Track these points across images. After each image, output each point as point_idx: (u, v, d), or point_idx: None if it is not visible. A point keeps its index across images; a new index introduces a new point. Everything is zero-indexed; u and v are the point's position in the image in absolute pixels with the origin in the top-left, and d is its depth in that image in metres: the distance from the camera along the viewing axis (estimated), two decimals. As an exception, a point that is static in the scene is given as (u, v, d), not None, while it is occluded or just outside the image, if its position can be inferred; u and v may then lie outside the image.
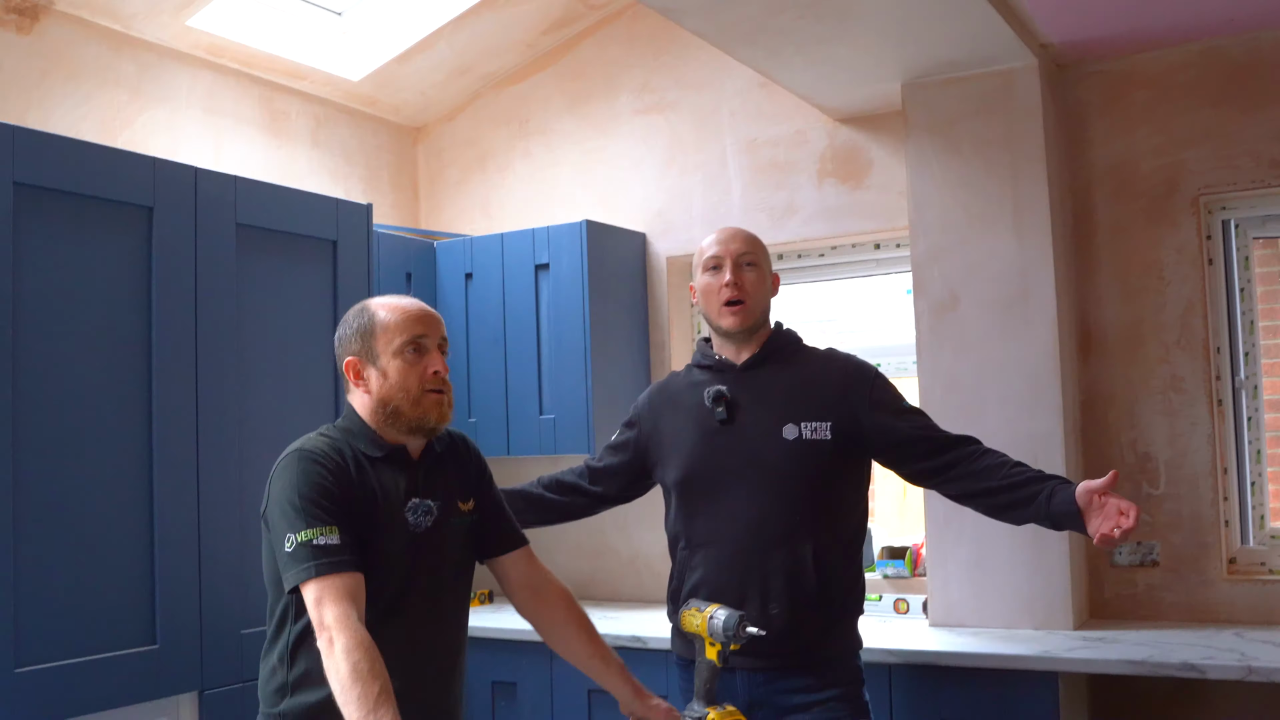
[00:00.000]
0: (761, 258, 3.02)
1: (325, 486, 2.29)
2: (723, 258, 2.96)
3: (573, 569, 4.87)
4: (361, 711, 2.04)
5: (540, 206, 5.08)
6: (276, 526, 2.29)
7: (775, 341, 3.02)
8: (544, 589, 2.66)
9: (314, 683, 2.29)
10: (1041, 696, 3.28)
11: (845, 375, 2.96)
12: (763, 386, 2.95)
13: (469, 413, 4.65)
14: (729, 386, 2.95)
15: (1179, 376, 3.85)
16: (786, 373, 2.97)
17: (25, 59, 3.82)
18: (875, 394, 2.93)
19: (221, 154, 4.43)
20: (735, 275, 2.94)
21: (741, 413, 2.92)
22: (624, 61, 4.92)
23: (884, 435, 2.91)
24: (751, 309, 2.95)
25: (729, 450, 2.90)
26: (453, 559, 2.50)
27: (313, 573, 2.19)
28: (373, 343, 2.42)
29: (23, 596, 2.74)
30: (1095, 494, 2.65)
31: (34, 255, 2.83)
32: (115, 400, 3.00)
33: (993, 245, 3.83)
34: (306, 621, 2.26)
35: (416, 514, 2.41)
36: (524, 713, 4.11)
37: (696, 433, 2.96)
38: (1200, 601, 3.79)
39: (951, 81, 3.91)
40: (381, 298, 2.51)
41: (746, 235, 3.03)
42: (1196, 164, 3.85)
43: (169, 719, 3.08)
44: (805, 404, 2.89)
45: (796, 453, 2.85)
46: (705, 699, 2.42)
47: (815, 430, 2.86)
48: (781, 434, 2.86)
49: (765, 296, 3.01)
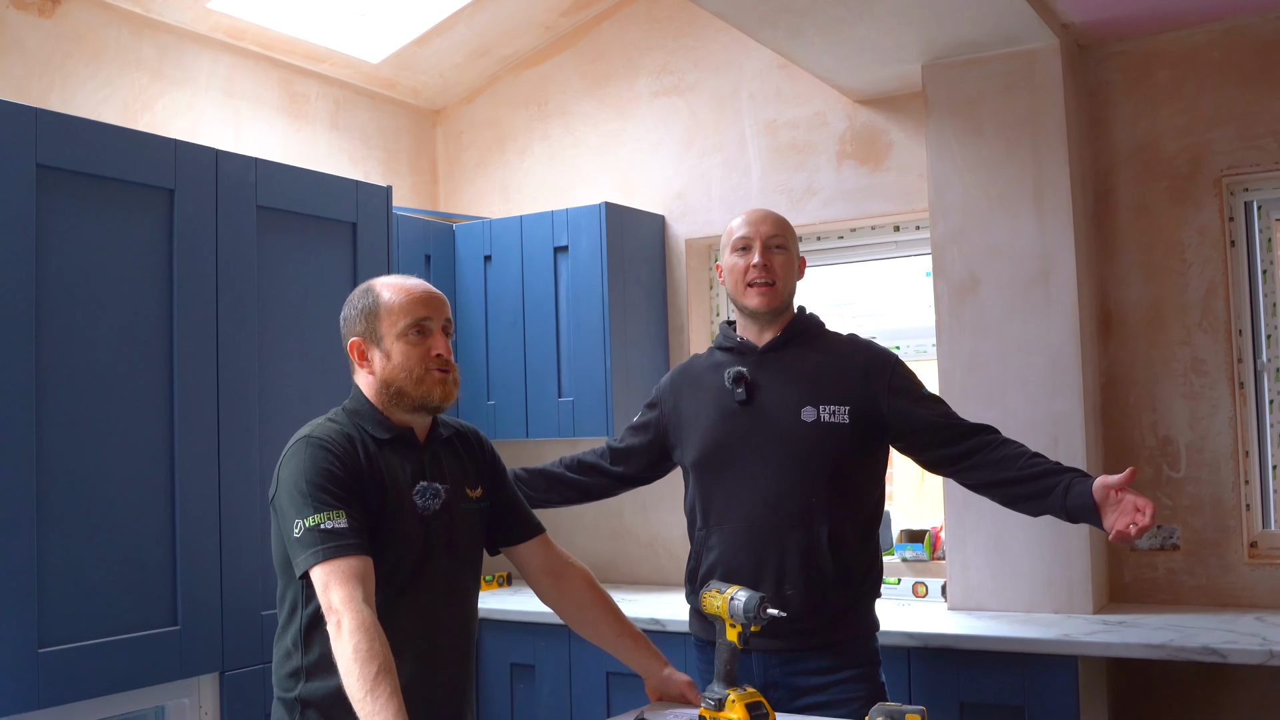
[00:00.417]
0: (790, 241, 3.02)
1: (333, 471, 2.30)
2: (752, 239, 2.96)
3: (591, 552, 4.88)
4: (361, 690, 2.06)
5: (559, 189, 5.07)
6: (285, 512, 2.30)
7: (798, 325, 3.02)
8: (564, 573, 2.67)
9: (329, 667, 2.30)
10: (1061, 680, 3.28)
11: (866, 360, 2.96)
12: (783, 369, 2.95)
13: (488, 395, 4.66)
14: (750, 368, 2.95)
15: (1200, 359, 3.83)
16: (807, 356, 2.97)
17: (48, 42, 3.83)
18: (895, 380, 2.93)
19: (241, 137, 4.44)
20: (764, 257, 2.94)
21: (761, 394, 2.93)
22: (643, 43, 4.91)
23: (902, 421, 2.91)
24: (779, 290, 2.96)
25: (747, 430, 2.91)
26: (462, 541, 2.51)
27: (321, 557, 2.20)
28: (377, 324, 2.42)
29: (46, 578, 2.76)
30: (1112, 489, 2.65)
31: (57, 237, 2.84)
32: (137, 382, 3.01)
33: (1013, 227, 3.81)
34: (318, 606, 2.27)
35: (424, 497, 2.42)
36: (542, 695, 4.12)
37: (716, 413, 2.96)
38: (1221, 585, 3.77)
39: (972, 62, 3.89)
40: (386, 278, 2.51)
41: (776, 218, 3.02)
42: (1220, 145, 3.82)
43: (190, 699, 3.10)
44: (825, 387, 2.90)
45: (814, 435, 2.86)
46: (725, 680, 2.42)
47: (834, 413, 2.87)
48: (800, 416, 2.87)
49: (792, 279, 3.01)
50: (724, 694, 2.39)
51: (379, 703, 2.04)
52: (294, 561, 2.26)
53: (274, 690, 2.45)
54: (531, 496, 3.04)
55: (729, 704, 2.37)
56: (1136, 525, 2.57)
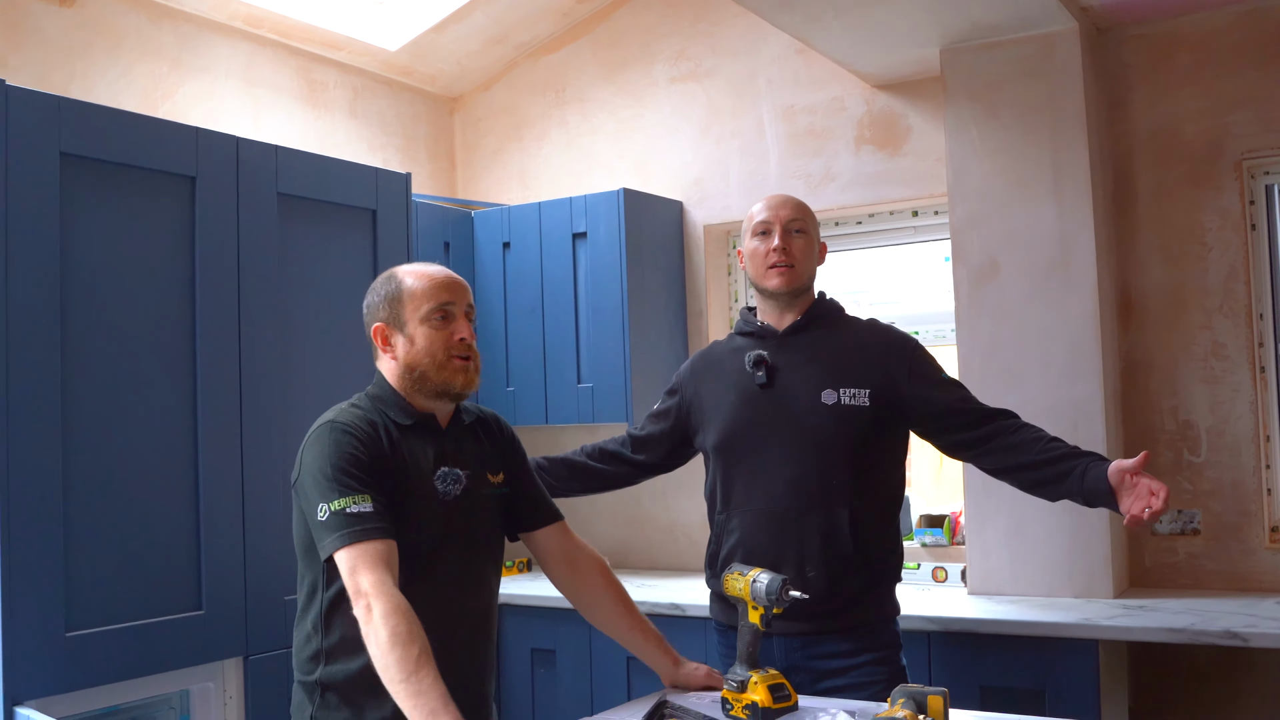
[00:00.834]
0: (810, 225, 3.02)
1: (357, 456, 2.31)
2: (772, 224, 2.98)
3: (610, 538, 4.89)
4: (403, 673, 2.05)
5: (577, 175, 5.08)
6: (309, 496, 2.30)
7: (818, 309, 3.02)
8: (580, 562, 2.67)
9: (350, 650, 2.32)
10: (1081, 664, 3.28)
11: (886, 344, 2.97)
12: (804, 352, 2.95)
13: (507, 382, 4.68)
14: (770, 352, 2.96)
15: (1221, 343, 3.82)
16: (828, 339, 2.97)
17: (68, 31, 3.85)
18: (915, 364, 2.94)
19: (260, 125, 4.45)
20: (784, 241, 2.95)
21: (781, 377, 2.93)
22: (660, 29, 4.90)
23: (922, 405, 2.91)
24: (799, 272, 2.96)
25: (768, 414, 2.92)
26: (483, 527, 2.52)
27: (347, 540, 2.20)
28: (400, 309, 2.43)
29: (72, 563, 2.78)
30: (1127, 473, 2.64)
31: (80, 224, 2.86)
32: (160, 368, 3.03)
33: (1032, 211, 3.81)
34: (339, 589, 2.28)
35: (445, 482, 2.43)
36: (563, 680, 4.14)
37: (737, 397, 2.97)
38: (1242, 570, 3.77)
39: (991, 46, 3.89)
40: (409, 265, 2.53)
41: (796, 202, 3.03)
42: (1240, 127, 3.80)
43: (215, 683, 3.12)
44: (845, 370, 2.90)
45: (835, 417, 2.86)
46: (748, 662, 2.43)
47: (854, 396, 2.87)
48: (820, 398, 2.87)
49: (812, 263, 3.02)
50: (746, 676, 2.40)
51: (424, 683, 2.04)
52: (319, 545, 2.26)
53: (294, 673, 2.47)
54: (553, 485, 3.06)
55: (751, 685, 2.38)
56: (1151, 509, 2.56)
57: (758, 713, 2.36)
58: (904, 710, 2.19)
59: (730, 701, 2.42)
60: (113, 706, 2.90)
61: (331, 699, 2.37)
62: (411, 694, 2.04)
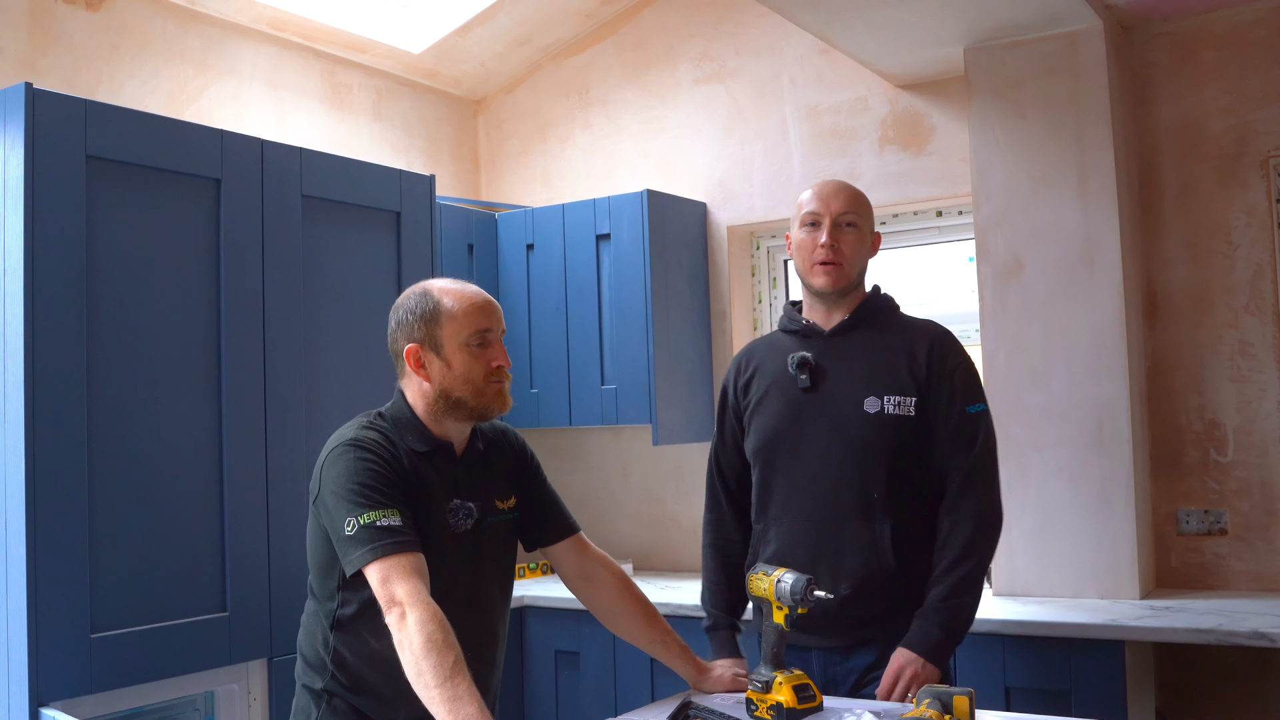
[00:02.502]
0: (863, 217, 2.84)
1: (382, 473, 2.29)
2: (821, 215, 2.80)
3: (634, 539, 4.89)
4: (438, 679, 2.05)
5: (601, 177, 5.08)
6: (335, 512, 2.28)
7: (868, 307, 2.86)
8: (597, 576, 2.67)
9: (358, 660, 2.35)
10: (1107, 665, 3.27)
11: (940, 350, 2.79)
12: (850, 354, 2.80)
13: (530, 383, 4.68)
14: (815, 352, 2.81)
15: (1247, 341, 3.79)
16: (875, 341, 2.81)
17: (95, 34, 3.88)
18: (957, 377, 2.77)
19: (285, 127, 4.47)
20: (833, 236, 2.78)
21: (827, 380, 2.79)
22: (683, 30, 4.91)
23: (935, 413, 2.76)
24: (846, 271, 2.80)
25: (810, 419, 2.78)
26: (493, 556, 2.51)
27: (379, 553, 2.19)
28: (437, 331, 2.39)
29: (98, 565, 2.80)
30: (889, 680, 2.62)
31: (106, 226, 2.87)
32: (185, 371, 3.04)
33: (1057, 209, 3.79)
34: (355, 604, 2.31)
35: (457, 516, 2.41)
36: (587, 681, 4.14)
37: (780, 399, 2.83)
38: (1270, 570, 3.74)
39: (1015, 45, 3.87)
40: (441, 282, 2.47)
41: (850, 193, 2.85)
42: (1266, 124, 3.78)
43: (239, 685, 3.13)
44: (891, 375, 2.75)
45: (877, 426, 2.72)
46: (773, 663, 2.42)
47: (899, 405, 2.72)
48: (863, 406, 2.73)
49: (862, 258, 2.85)
50: (771, 676, 2.39)
51: (460, 689, 2.03)
52: (345, 559, 2.25)
53: (298, 680, 2.47)
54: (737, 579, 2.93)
55: (776, 686, 2.37)
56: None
57: (783, 713, 2.35)
58: (930, 710, 2.19)
59: (755, 702, 2.41)
60: (138, 708, 2.92)
61: (339, 705, 2.39)
62: (447, 699, 2.03)
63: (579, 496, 4.92)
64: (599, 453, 5.06)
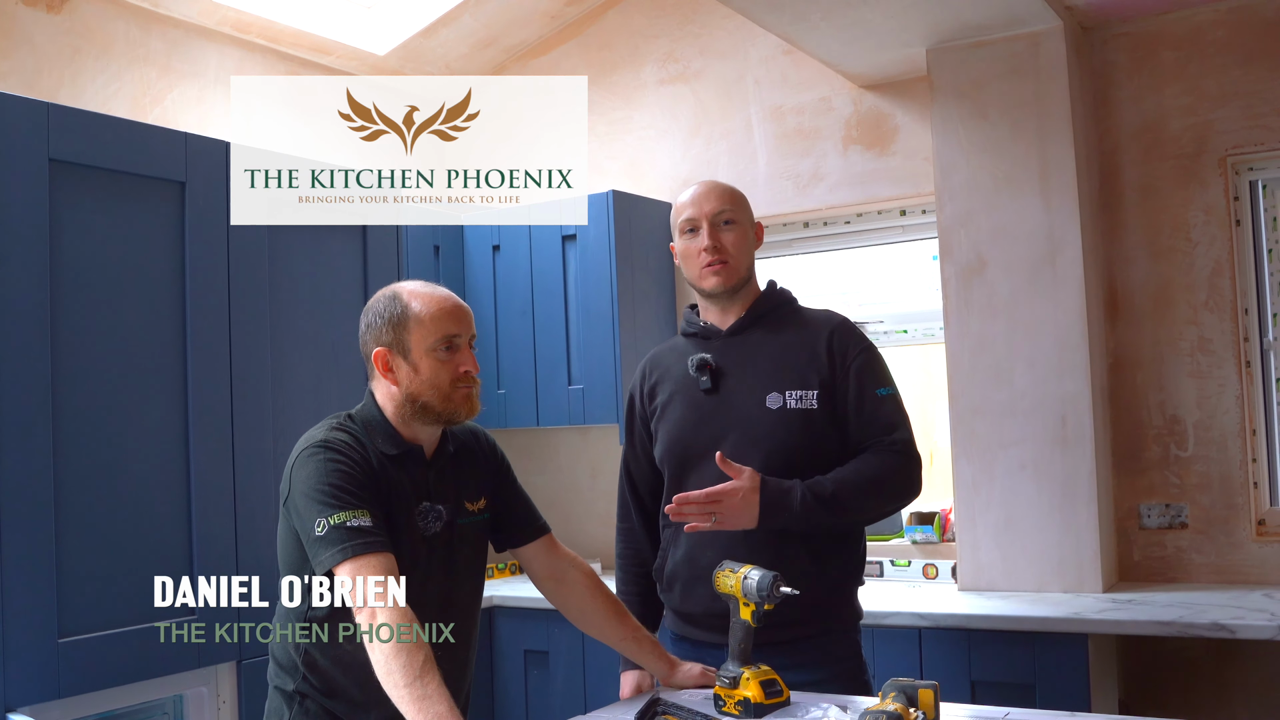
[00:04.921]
0: (740, 212, 2.80)
1: (352, 474, 2.28)
2: (698, 219, 2.76)
3: (601, 538, 4.89)
4: (407, 678, 2.05)
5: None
6: (305, 513, 2.27)
7: (764, 303, 2.82)
8: (568, 576, 2.66)
9: (328, 661, 2.35)
10: (1071, 658, 3.30)
11: (840, 339, 2.75)
12: (749, 352, 2.77)
13: (498, 384, 4.68)
14: (715, 354, 2.78)
15: (1207, 338, 3.84)
16: (774, 337, 2.78)
17: (56, 37, 3.86)
18: (860, 363, 2.73)
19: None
20: (713, 237, 2.74)
21: (727, 380, 2.76)
22: (648, 31, 4.92)
23: (842, 405, 2.71)
24: (734, 267, 2.76)
25: (714, 420, 2.74)
26: (463, 558, 2.49)
27: (349, 553, 2.19)
28: (405, 335, 2.37)
29: (65, 569, 2.79)
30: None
31: (70, 230, 2.86)
32: (151, 373, 3.03)
33: (1020, 208, 3.83)
34: (326, 604, 2.29)
35: (426, 519, 2.40)
36: (557, 681, 4.15)
37: (684, 403, 2.79)
38: (1229, 563, 3.79)
39: (977, 45, 3.90)
40: (412, 285, 2.45)
41: (721, 190, 2.81)
42: (1224, 124, 3.83)
43: (209, 688, 3.13)
44: (792, 370, 2.71)
45: (782, 422, 2.68)
46: (741, 659, 2.43)
47: (801, 399, 2.69)
48: (765, 403, 2.69)
49: (747, 253, 2.81)
50: (739, 672, 2.40)
51: (429, 688, 2.03)
52: (315, 560, 2.24)
53: (270, 681, 2.46)
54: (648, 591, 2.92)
55: (744, 681, 2.38)
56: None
57: (750, 708, 2.36)
58: (895, 704, 2.20)
59: (723, 698, 2.42)
60: (107, 712, 2.91)
61: (310, 706, 2.38)
62: (416, 698, 2.03)
63: (547, 497, 4.92)
64: (567, 453, 5.07)
